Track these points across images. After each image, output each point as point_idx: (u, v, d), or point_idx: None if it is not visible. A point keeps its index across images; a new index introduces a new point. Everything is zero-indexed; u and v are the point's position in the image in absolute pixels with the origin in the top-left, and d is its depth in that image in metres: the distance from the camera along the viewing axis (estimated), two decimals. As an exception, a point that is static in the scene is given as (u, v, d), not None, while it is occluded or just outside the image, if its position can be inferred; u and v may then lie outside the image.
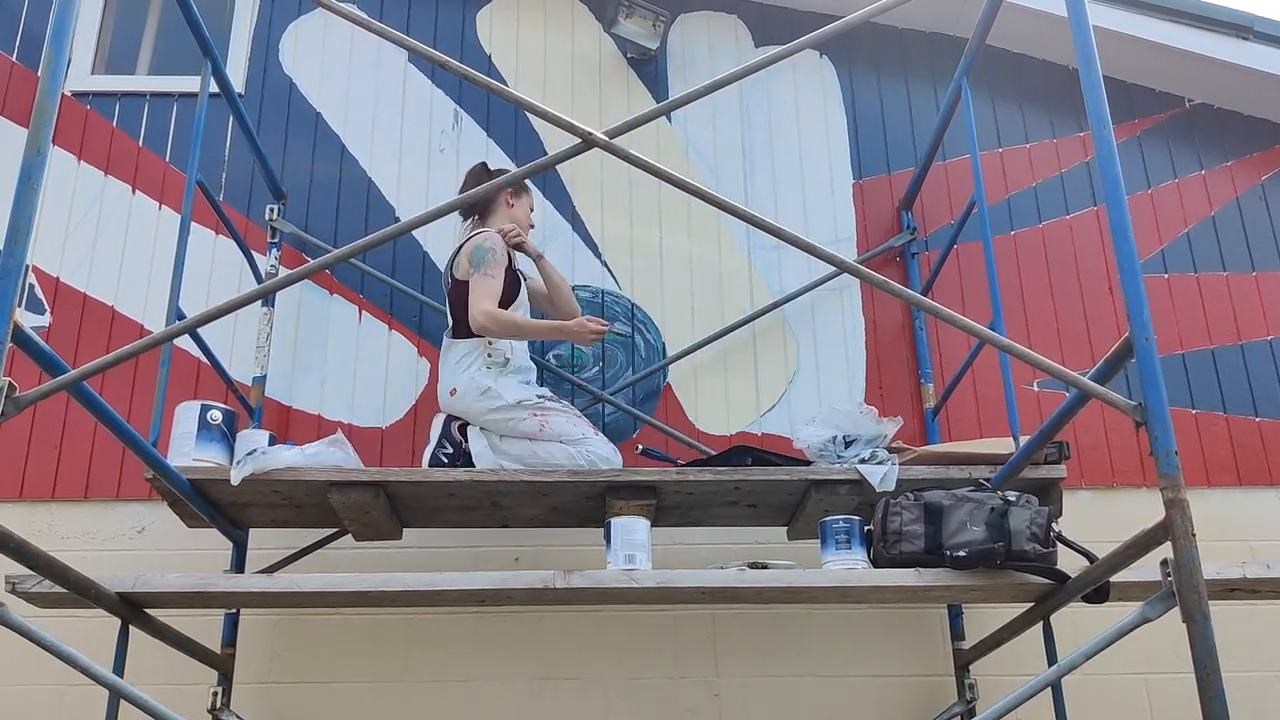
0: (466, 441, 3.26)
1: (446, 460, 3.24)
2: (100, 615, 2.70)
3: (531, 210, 3.62)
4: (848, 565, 2.82)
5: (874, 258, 4.08)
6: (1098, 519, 3.57)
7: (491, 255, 3.28)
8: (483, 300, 3.21)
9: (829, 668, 3.54)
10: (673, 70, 4.40)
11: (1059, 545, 2.77)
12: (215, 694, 3.24)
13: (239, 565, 3.41)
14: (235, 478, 2.96)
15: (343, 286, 4.01)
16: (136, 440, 2.65)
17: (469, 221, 3.56)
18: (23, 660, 3.02)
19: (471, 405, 3.24)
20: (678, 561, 3.48)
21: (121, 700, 2.57)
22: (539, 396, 3.30)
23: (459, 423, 3.30)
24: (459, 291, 3.32)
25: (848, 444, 3.22)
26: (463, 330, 3.32)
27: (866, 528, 2.91)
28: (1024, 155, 4.33)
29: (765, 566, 2.87)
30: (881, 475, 3.09)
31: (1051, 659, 2.98)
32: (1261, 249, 4.23)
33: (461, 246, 3.39)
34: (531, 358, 3.89)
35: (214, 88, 3.42)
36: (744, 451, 3.28)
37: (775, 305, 4.00)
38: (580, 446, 3.22)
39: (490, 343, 3.28)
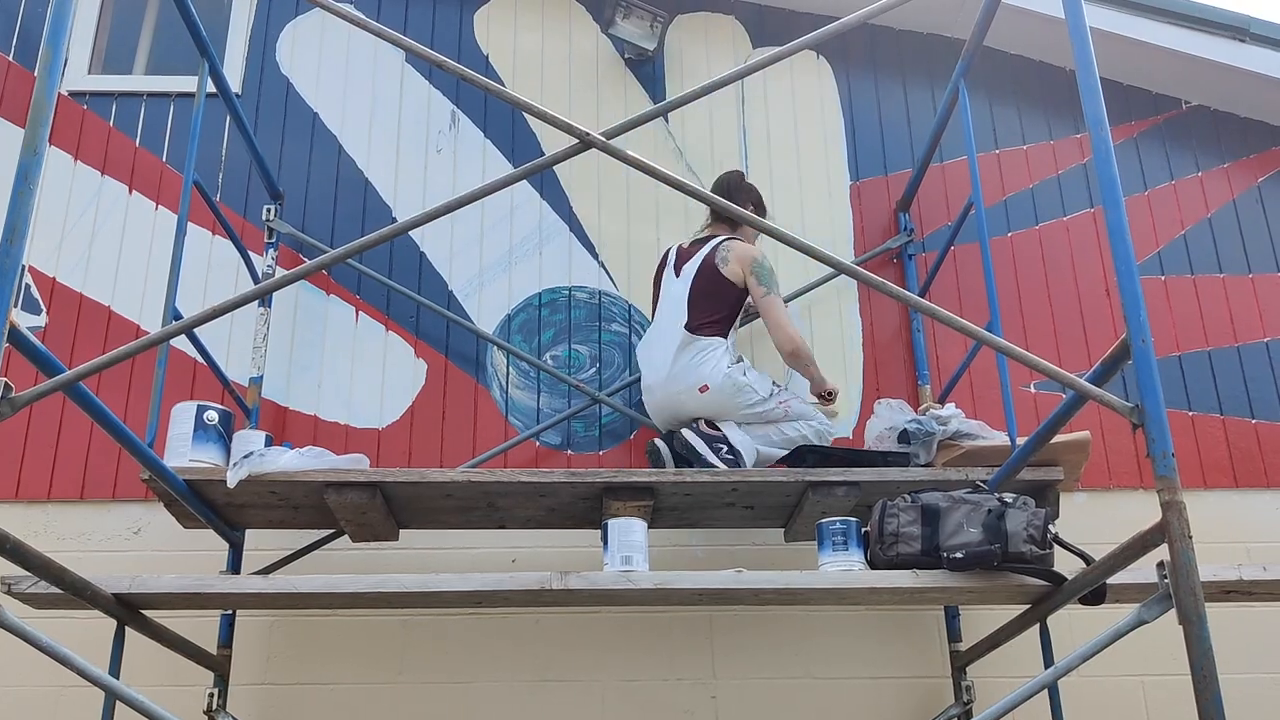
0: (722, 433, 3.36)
1: (731, 458, 3.29)
2: (96, 616, 2.69)
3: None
4: (844, 567, 2.82)
5: (871, 259, 4.08)
6: (1095, 521, 3.57)
7: (774, 276, 3.47)
8: (791, 325, 3.43)
9: (826, 669, 3.54)
10: (670, 71, 4.40)
11: (1056, 547, 2.77)
12: (211, 695, 3.23)
13: (235, 566, 3.41)
14: (232, 480, 2.95)
15: (340, 287, 4.01)
16: (133, 441, 2.64)
17: (716, 220, 3.66)
18: (18, 661, 3.02)
19: (728, 401, 3.33)
20: (675, 563, 3.48)
21: (117, 702, 2.57)
22: (774, 384, 3.44)
23: (702, 420, 3.38)
24: (713, 285, 3.43)
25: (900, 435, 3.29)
26: (704, 327, 3.41)
27: (864, 529, 2.91)
28: (1021, 157, 4.34)
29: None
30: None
31: (1048, 661, 2.99)
32: (1258, 251, 4.24)
33: (723, 242, 3.52)
34: (524, 358, 3.90)
35: (211, 87, 3.42)
36: (808, 452, 3.27)
37: (772, 306, 3.99)
38: (815, 420, 3.42)
39: (730, 342, 3.45)
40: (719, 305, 3.42)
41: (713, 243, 3.53)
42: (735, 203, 3.44)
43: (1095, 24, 2.98)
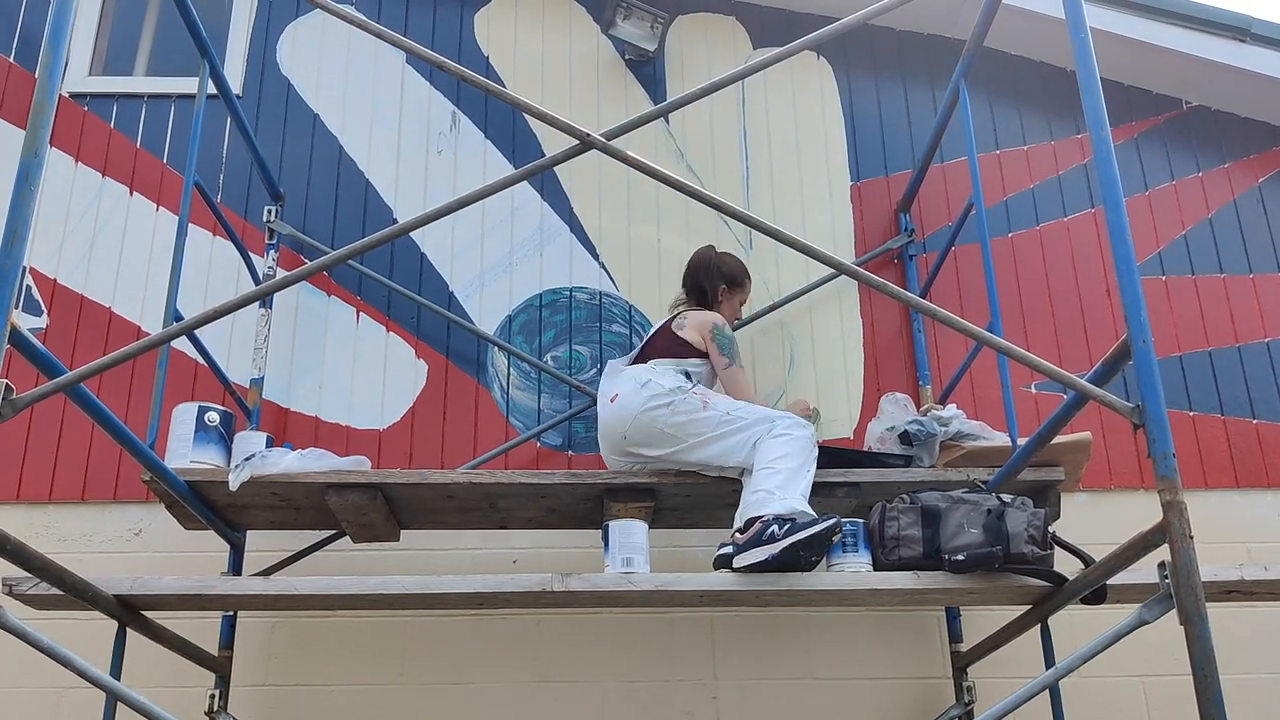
0: None
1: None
2: (97, 618, 2.69)
3: (742, 304, 3.59)
4: (854, 568, 2.81)
5: (872, 260, 4.08)
6: (1096, 521, 3.57)
7: (736, 346, 3.27)
8: (755, 398, 3.22)
9: (827, 670, 3.54)
10: (670, 72, 4.40)
11: (1056, 547, 2.77)
12: (212, 696, 3.23)
13: (236, 568, 3.41)
14: (234, 483, 2.95)
15: (340, 288, 4.01)
16: (134, 442, 2.64)
17: (692, 301, 3.48)
18: (19, 663, 3.02)
19: (629, 402, 3.08)
20: (676, 564, 3.47)
21: (118, 703, 2.56)
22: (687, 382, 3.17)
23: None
24: (672, 342, 3.28)
25: (901, 436, 3.26)
26: (635, 362, 3.29)
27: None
28: (1021, 157, 4.33)
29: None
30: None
31: (1049, 661, 2.98)
32: (1258, 251, 4.24)
33: (687, 311, 3.37)
34: (525, 359, 3.90)
35: (211, 89, 3.42)
36: (819, 452, 3.25)
37: (773, 307, 4.00)
38: (743, 405, 3.09)
39: (663, 371, 3.19)
40: (669, 351, 3.28)
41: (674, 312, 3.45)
42: (706, 283, 3.43)
43: (1096, 24, 2.98)
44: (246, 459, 2.99)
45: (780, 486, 2.85)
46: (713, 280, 3.45)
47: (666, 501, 3.19)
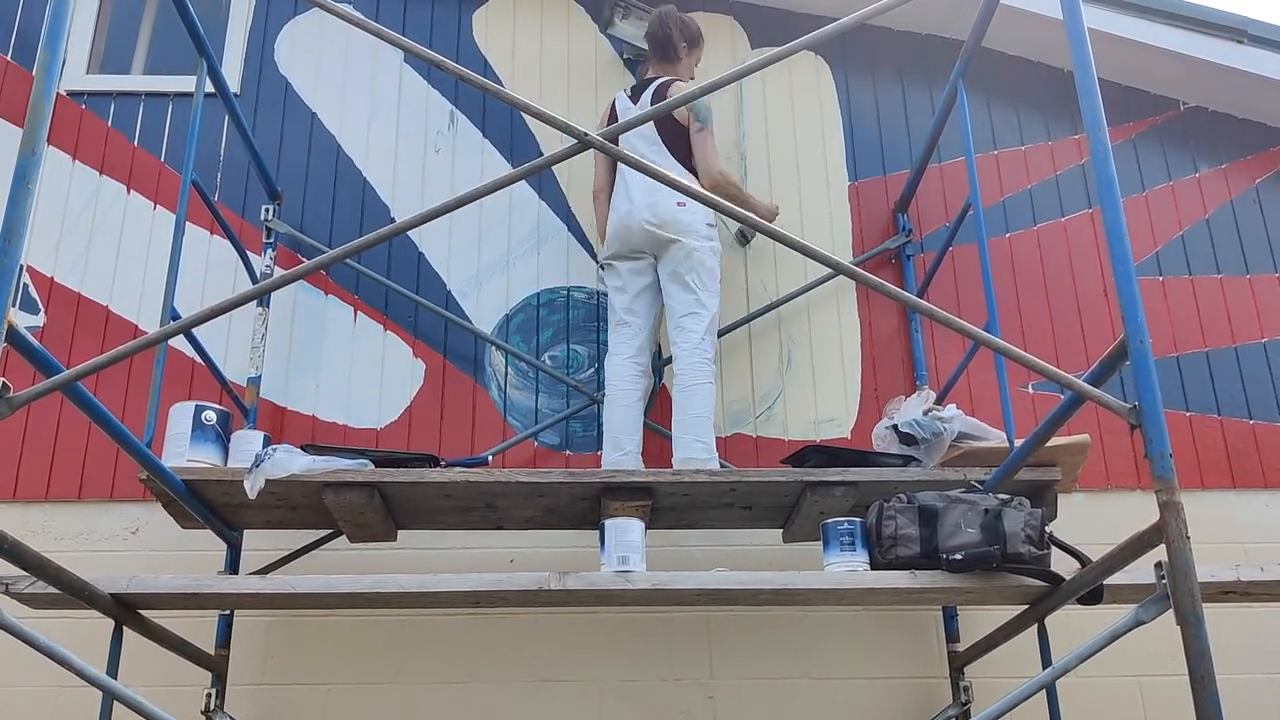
0: None
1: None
2: (94, 616, 2.69)
3: (697, 64, 3.93)
4: (851, 567, 2.81)
5: (869, 260, 4.09)
6: (1092, 521, 3.57)
7: (711, 113, 3.62)
8: (716, 162, 3.61)
9: (823, 670, 3.54)
10: (669, 72, 4.39)
11: (1052, 547, 2.77)
12: (209, 695, 3.23)
13: (233, 567, 3.41)
14: (251, 491, 2.92)
15: (338, 287, 4.01)
16: (131, 441, 2.64)
17: (657, 60, 3.83)
18: (16, 661, 3.02)
19: (692, 226, 3.51)
20: (673, 564, 3.48)
21: (115, 702, 2.57)
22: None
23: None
24: (670, 130, 3.62)
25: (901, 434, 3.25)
26: (688, 166, 3.62)
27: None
28: (1019, 158, 4.34)
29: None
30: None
31: (1046, 661, 2.99)
32: (1255, 252, 4.24)
33: (669, 84, 3.70)
34: (523, 358, 3.90)
35: (209, 87, 3.42)
36: (816, 452, 3.26)
37: (771, 307, 4.00)
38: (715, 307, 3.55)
39: None
40: (684, 145, 3.62)
41: (655, 85, 3.72)
42: (672, 40, 3.77)
43: (1093, 25, 2.98)
44: (256, 464, 2.96)
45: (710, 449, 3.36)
46: (677, 39, 3.79)
47: (664, 501, 3.19)
